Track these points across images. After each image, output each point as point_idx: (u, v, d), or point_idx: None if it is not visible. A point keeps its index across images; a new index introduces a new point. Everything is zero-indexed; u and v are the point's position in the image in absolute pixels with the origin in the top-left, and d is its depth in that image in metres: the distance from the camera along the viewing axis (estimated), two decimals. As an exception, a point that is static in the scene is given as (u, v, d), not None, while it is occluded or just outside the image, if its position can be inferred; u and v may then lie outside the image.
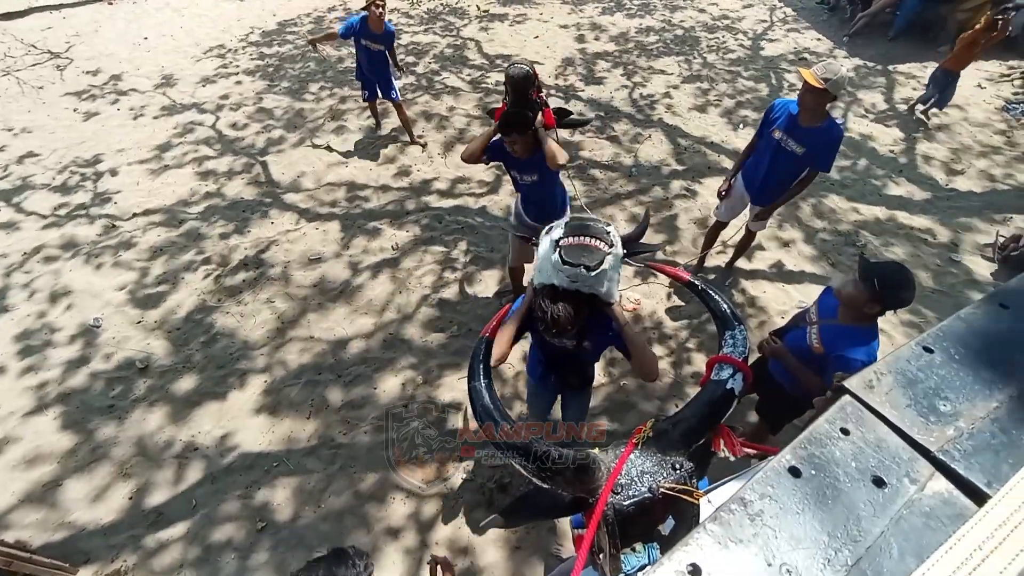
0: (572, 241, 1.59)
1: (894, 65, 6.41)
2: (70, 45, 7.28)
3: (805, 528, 0.47)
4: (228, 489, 2.71)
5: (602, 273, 1.59)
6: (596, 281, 1.60)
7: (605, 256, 1.57)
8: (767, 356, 2.21)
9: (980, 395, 0.56)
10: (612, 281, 1.66)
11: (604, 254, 1.57)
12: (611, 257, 1.58)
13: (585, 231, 1.59)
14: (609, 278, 1.64)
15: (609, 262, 1.58)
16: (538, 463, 1.05)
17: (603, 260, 1.56)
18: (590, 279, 1.58)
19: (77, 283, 3.85)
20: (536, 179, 2.72)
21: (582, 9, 7.94)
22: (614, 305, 1.72)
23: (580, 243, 1.58)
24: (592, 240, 1.58)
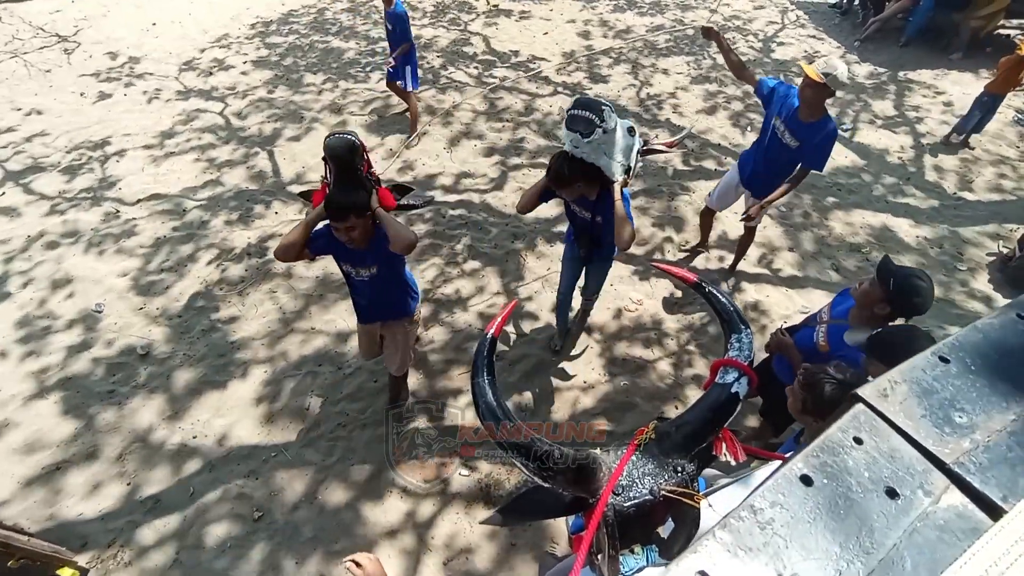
0: (575, 112, 2.06)
1: (905, 72, 6.36)
2: (78, 29, 7.26)
3: (816, 538, 0.46)
4: (226, 478, 2.72)
5: (593, 143, 2.05)
6: (591, 149, 2.06)
7: (596, 128, 2.01)
8: (773, 349, 2.25)
9: (997, 407, 0.55)
10: (610, 157, 2.13)
11: (596, 126, 2.01)
12: (600, 131, 2.02)
13: (586, 107, 2.04)
14: (605, 152, 2.11)
15: (598, 135, 2.03)
16: (539, 462, 1.04)
17: (594, 131, 2.01)
18: (585, 146, 2.05)
19: (80, 269, 3.85)
20: (376, 271, 2.28)
21: (594, 6, 7.89)
22: (615, 184, 2.19)
23: (581, 115, 2.03)
24: (591, 114, 2.02)
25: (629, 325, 3.44)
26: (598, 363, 3.22)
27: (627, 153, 2.23)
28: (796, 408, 1.69)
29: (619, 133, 2.15)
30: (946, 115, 5.50)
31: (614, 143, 2.13)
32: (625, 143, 2.21)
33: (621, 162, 2.20)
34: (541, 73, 6.11)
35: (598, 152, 2.11)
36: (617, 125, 2.12)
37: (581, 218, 2.55)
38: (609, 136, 2.08)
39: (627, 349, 3.30)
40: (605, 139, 2.07)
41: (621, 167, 2.21)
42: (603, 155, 2.13)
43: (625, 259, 3.88)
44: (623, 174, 2.22)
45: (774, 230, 4.15)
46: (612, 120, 2.06)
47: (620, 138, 2.16)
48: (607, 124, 2.03)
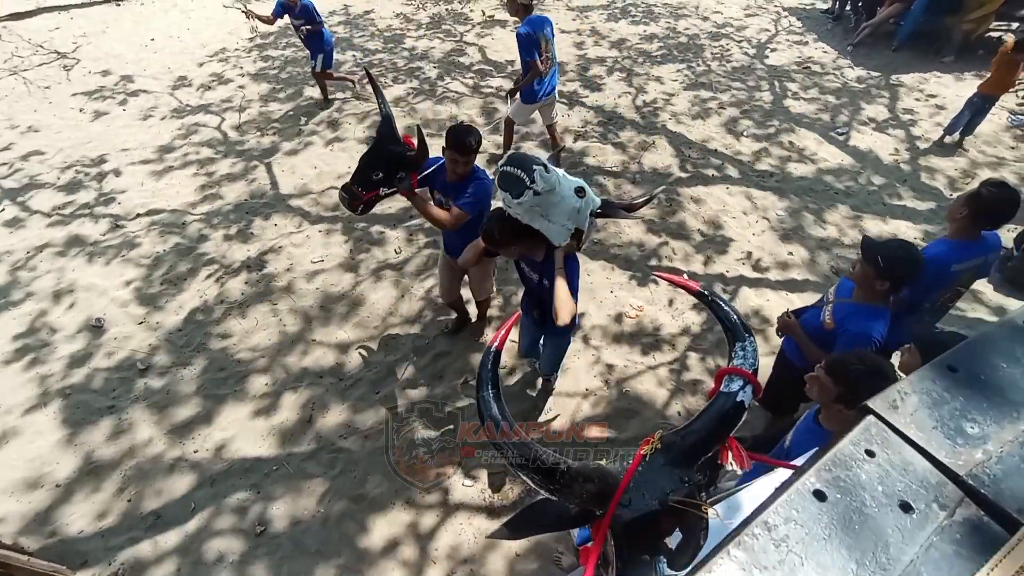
0: (505, 169, 1.88)
1: (897, 75, 6.41)
2: (77, 45, 7.31)
3: (832, 555, 0.45)
4: (227, 492, 2.69)
5: (525, 205, 1.86)
6: (523, 211, 1.88)
7: (526, 190, 1.81)
8: (781, 330, 2.33)
9: (1008, 417, 0.55)
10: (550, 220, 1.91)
11: (526, 188, 1.81)
12: (530, 193, 1.82)
13: (518, 164, 1.84)
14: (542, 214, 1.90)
15: (529, 197, 1.83)
16: (546, 476, 1.04)
17: (523, 193, 1.82)
18: (516, 206, 1.86)
19: (81, 281, 3.85)
20: None
21: (587, 16, 7.97)
22: (557, 249, 2.00)
23: (510, 173, 1.84)
24: (521, 174, 1.81)
25: (630, 331, 3.43)
26: (599, 370, 3.21)
27: (573, 215, 1.97)
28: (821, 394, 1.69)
29: (562, 194, 1.91)
30: (938, 117, 5.54)
31: (553, 205, 1.89)
32: (571, 205, 1.95)
33: (564, 225, 1.94)
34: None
35: (532, 214, 1.89)
36: (558, 186, 1.89)
37: (528, 279, 2.34)
38: (544, 198, 1.85)
39: (628, 356, 3.29)
40: (539, 201, 1.85)
41: (564, 231, 1.95)
42: (539, 217, 1.90)
43: (625, 265, 3.89)
44: (567, 238, 1.97)
45: (771, 234, 4.16)
46: (547, 181, 1.83)
47: (563, 199, 1.92)
48: (538, 186, 1.81)
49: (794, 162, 4.97)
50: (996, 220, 2.21)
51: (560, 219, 1.93)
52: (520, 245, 2.06)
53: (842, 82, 6.28)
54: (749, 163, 4.94)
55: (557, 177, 1.90)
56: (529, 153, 1.95)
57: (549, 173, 1.85)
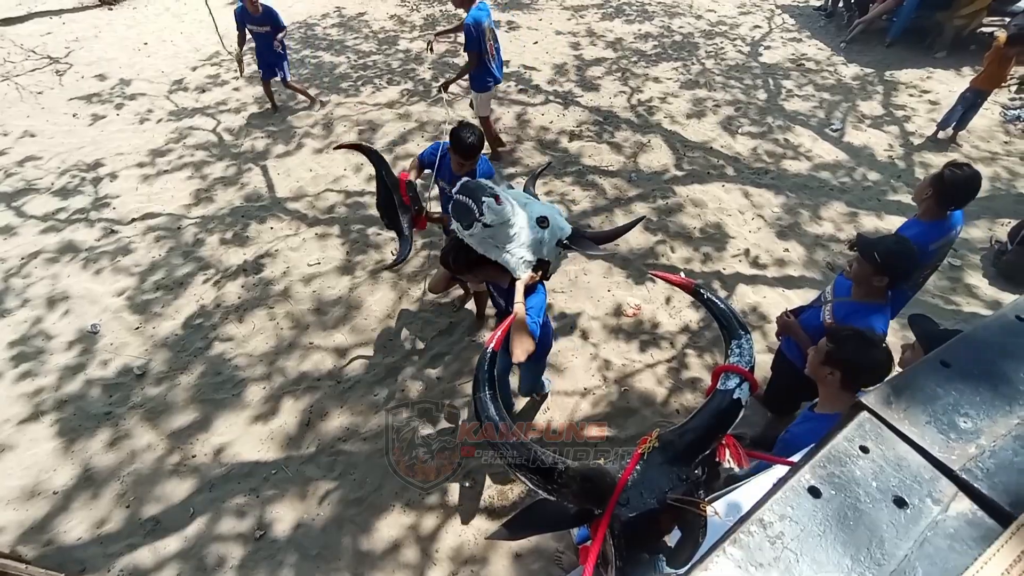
0: (456, 197, 1.81)
1: (891, 72, 6.44)
2: (69, 51, 7.28)
3: (827, 551, 0.45)
4: (226, 497, 2.69)
5: (476, 237, 1.78)
6: (476, 242, 1.81)
7: (475, 222, 1.74)
8: (781, 330, 2.34)
9: (1000, 411, 0.55)
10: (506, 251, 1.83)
11: (475, 219, 1.73)
12: (479, 225, 1.75)
13: (469, 194, 1.77)
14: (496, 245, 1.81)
15: (478, 229, 1.76)
16: (544, 476, 1.04)
17: (472, 224, 1.75)
18: (467, 237, 1.80)
19: (75, 288, 3.83)
20: None
21: (582, 15, 7.97)
22: (517, 281, 1.87)
23: (460, 202, 1.78)
24: (471, 204, 1.74)
25: (627, 330, 3.44)
26: (597, 368, 3.21)
27: (535, 247, 1.88)
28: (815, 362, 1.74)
29: (518, 225, 1.82)
30: (932, 113, 5.56)
31: (509, 237, 1.81)
32: (531, 236, 1.86)
33: (523, 257, 1.84)
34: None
35: (485, 245, 1.81)
36: (512, 217, 1.79)
37: (496, 303, 2.29)
38: (497, 230, 1.77)
39: (626, 354, 3.30)
40: (491, 233, 1.77)
41: (523, 263, 1.85)
42: (494, 248, 1.81)
43: (622, 264, 3.89)
44: (527, 270, 1.86)
45: (768, 232, 4.17)
46: (497, 214, 1.74)
47: (520, 230, 1.82)
48: (487, 219, 1.72)
49: (789, 159, 4.98)
50: (960, 199, 2.30)
51: (519, 251, 1.83)
52: (480, 272, 1.97)
53: (836, 79, 6.30)
54: (745, 161, 4.96)
55: (511, 209, 1.80)
56: (485, 181, 1.84)
57: (501, 205, 1.75)
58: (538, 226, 1.88)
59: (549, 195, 4.53)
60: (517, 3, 8.38)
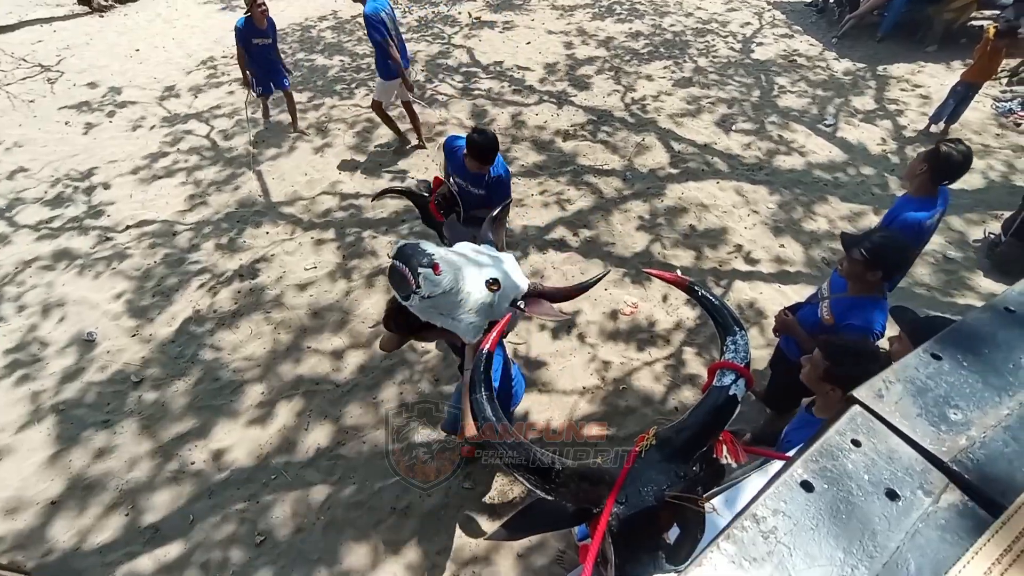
0: (393, 263, 1.62)
1: (883, 66, 6.47)
2: (61, 58, 7.25)
3: (820, 545, 0.46)
4: (226, 503, 2.68)
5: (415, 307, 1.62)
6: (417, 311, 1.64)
7: (411, 294, 1.57)
8: (779, 328, 2.33)
9: (990, 402, 0.55)
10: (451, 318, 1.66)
11: (411, 292, 1.56)
12: (416, 298, 1.57)
13: (406, 260, 1.57)
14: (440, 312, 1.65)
15: (415, 302, 1.59)
16: (542, 476, 1.04)
17: (409, 297, 1.58)
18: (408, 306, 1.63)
19: (71, 295, 3.82)
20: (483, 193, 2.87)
21: (572, 15, 7.98)
22: (467, 346, 1.72)
23: (397, 269, 1.59)
24: (407, 273, 1.56)
25: (625, 329, 3.45)
26: (595, 368, 3.21)
27: (484, 310, 1.70)
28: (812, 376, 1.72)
29: (464, 290, 1.64)
30: (924, 107, 5.59)
31: (454, 305, 1.64)
32: (479, 301, 1.68)
33: (472, 322, 1.68)
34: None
35: (428, 314, 1.65)
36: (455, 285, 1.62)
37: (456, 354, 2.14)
38: (438, 300, 1.60)
39: (624, 353, 3.30)
40: (432, 303, 1.60)
41: (473, 328, 1.69)
42: (437, 316, 1.66)
43: (617, 262, 3.90)
44: (477, 334, 1.70)
45: (763, 228, 4.19)
46: (436, 285, 1.57)
47: (467, 296, 1.65)
48: (424, 291, 1.55)
49: (783, 155, 5.00)
50: (954, 173, 2.36)
51: (466, 316, 1.67)
52: (429, 334, 1.81)
53: (828, 74, 6.32)
54: (739, 158, 4.97)
55: (452, 277, 1.62)
56: (424, 243, 1.64)
57: (440, 275, 1.57)
58: (487, 289, 1.70)
59: (544, 195, 4.53)
60: (509, 3, 8.39)
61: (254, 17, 4.72)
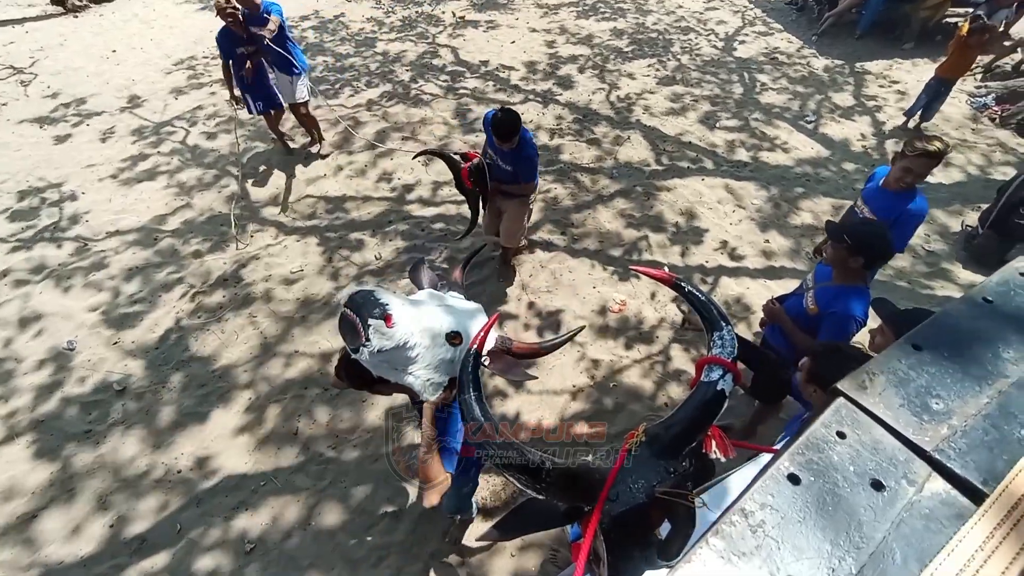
0: (343, 312, 1.45)
1: (862, 63, 6.58)
2: (34, 60, 7.07)
3: (807, 537, 0.46)
4: (214, 511, 2.64)
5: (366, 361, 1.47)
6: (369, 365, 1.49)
7: (361, 348, 1.41)
8: (767, 317, 2.36)
9: (970, 391, 0.56)
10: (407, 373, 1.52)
11: (360, 345, 1.41)
12: (365, 352, 1.41)
13: (357, 310, 1.42)
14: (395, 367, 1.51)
15: (364, 356, 1.43)
16: (531, 475, 1.04)
17: (359, 350, 1.43)
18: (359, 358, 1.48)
19: (48, 306, 3.72)
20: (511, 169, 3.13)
21: (556, 13, 7.99)
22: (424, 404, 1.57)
23: (347, 319, 1.43)
24: (358, 324, 1.40)
25: (614, 326, 3.46)
26: (585, 366, 3.22)
27: (444, 366, 1.56)
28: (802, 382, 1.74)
29: (420, 345, 1.50)
30: (902, 103, 5.71)
31: (408, 360, 1.50)
32: (438, 356, 1.54)
33: (430, 379, 1.54)
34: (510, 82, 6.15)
35: (380, 368, 1.51)
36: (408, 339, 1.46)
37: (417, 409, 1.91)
38: (391, 355, 1.46)
39: (613, 350, 3.32)
40: (385, 357, 1.46)
41: (431, 385, 1.55)
42: (392, 371, 1.52)
43: (605, 261, 3.91)
44: (436, 392, 1.56)
45: (748, 223, 4.23)
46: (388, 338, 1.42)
47: (422, 351, 1.50)
48: (374, 345, 1.40)
49: (766, 151, 5.06)
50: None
51: (422, 372, 1.52)
52: (384, 388, 1.66)
53: (808, 71, 6.42)
54: (723, 154, 5.02)
55: (406, 330, 1.46)
56: (379, 291, 1.47)
57: (392, 327, 1.43)
58: (448, 343, 1.56)
59: (532, 194, 4.53)
60: (494, 3, 8.37)
61: (230, 26, 4.17)
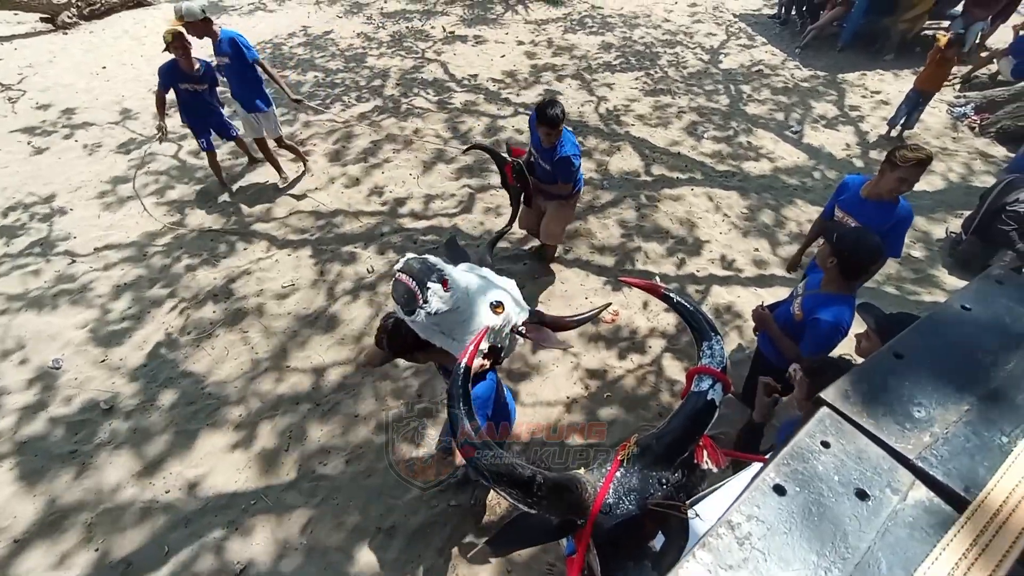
0: (398, 275, 1.57)
1: (844, 74, 6.73)
2: (23, 76, 7.04)
3: (794, 548, 0.46)
4: (203, 531, 2.58)
5: (418, 324, 1.58)
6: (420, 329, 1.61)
7: (417, 309, 1.53)
8: (756, 322, 2.41)
9: (951, 399, 0.57)
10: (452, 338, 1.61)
11: (416, 306, 1.52)
12: (423, 314, 1.53)
13: (413, 274, 1.54)
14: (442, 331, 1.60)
15: (421, 317, 1.54)
16: (522, 489, 1.03)
17: (414, 312, 1.54)
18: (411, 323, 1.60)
19: (33, 324, 3.66)
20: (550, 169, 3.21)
21: (544, 28, 8.11)
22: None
23: (402, 283, 1.55)
24: (415, 286, 1.52)
25: (606, 336, 3.47)
26: (578, 377, 3.22)
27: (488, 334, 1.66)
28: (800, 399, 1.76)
29: (470, 312, 1.62)
30: (884, 112, 5.83)
31: (458, 324, 1.60)
32: (481, 323, 1.65)
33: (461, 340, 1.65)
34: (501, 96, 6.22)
35: (429, 332, 1.61)
36: (463, 304, 1.59)
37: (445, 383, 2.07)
38: (444, 318, 1.56)
39: (606, 360, 3.32)
40: (438, 320, 1.56)
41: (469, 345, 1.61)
42: (439, 335, 1.61)
43: (597, 271, 3.93)
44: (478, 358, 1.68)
45: (737, 232, 4.28)
46: (443, 301, 1.54)
47: (471, 317, 1.62)
48: (432, 307, 1.51)
49: (753, 161, 5.14)
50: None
51: (468, 338, 1.60)
52: (423, 355, 1.78)
53: (792, 83, 6.55)
54: (711, 165, 5.09)
55: (460, 295, 1.59)
56: (433, 258, 1.60)
57: (448, 291, 1.55)
58: (492, 312, 1.67)
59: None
60: (483, 18, 8.49)
61: (179, 61, 4.02)
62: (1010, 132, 5.35)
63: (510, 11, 8.73)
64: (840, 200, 2.67)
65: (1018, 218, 3.75)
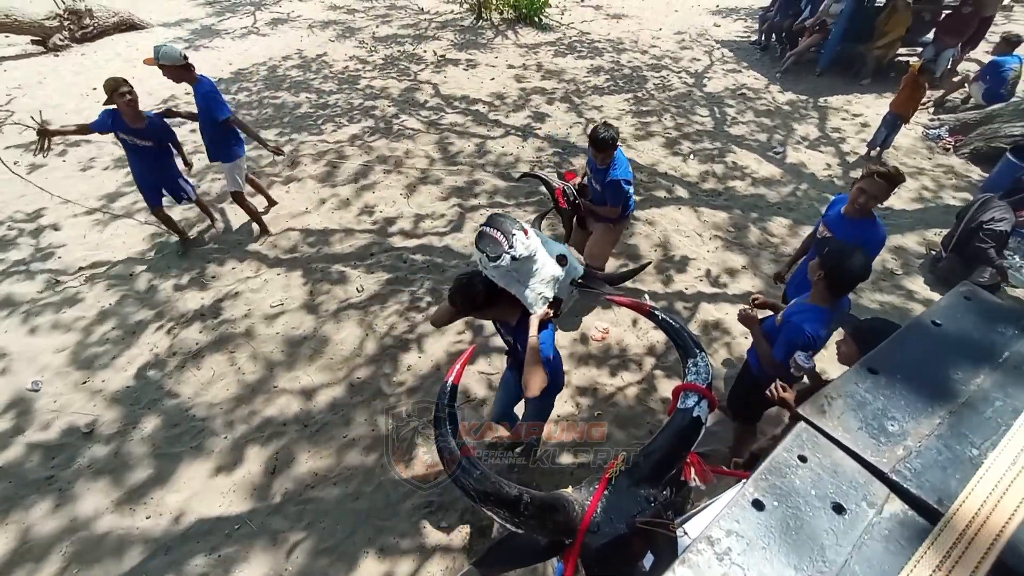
0: (484, 229, 1.84)
1: (824, 98, 6.96)
2: (12, 97, 7.03)
3: (772, 563, 0.46)
4: (184, 559, 2.51)
5: (501, 269, 1.81)
6: (499, 275, 1.84)
7: (503, 254, 1.77)
8: (740, 322, 2.44)
9: (923, 412, 0.59)
10: (525, 286, 1.87)
11: (503, 252, 1.77)
12: (508, 258, 1.77)
13: (498, 227, 1.81)
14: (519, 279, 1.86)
15: (506, 261, 1.78)
16: (509, 509, 1.02)
17: (500, 256, 1.77)
18: (491, 269, 1.81)
19: (12, 345, 3.59)
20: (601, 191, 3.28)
21: (536, 52, 8.31)
22: (532, 316, 1.91)
23: (489, 234, 1.81)
24: (500, 236, 1.79)
25: (597, 354, 3.47)
26: (568, 394, 3.21)
27: (551, 284, 1.95)
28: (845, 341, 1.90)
29: (542, 260, 1.90)
30: (862, 134, 6.02)
31: (531, 272, 1.87)
32: (550, 273, 1.94)
33: (541, 293, 1.92)
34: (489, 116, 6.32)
35: (508, 278, 1.85)
36: (538, 252, 1.87)
37: (504, 339, 2.29)
38: (522, 264, 1.82)
39: (596, 378, 3.32)
40: (517, 266, 1.82)
41: (541, 299, 1.92)
42: (515, 283, 1.86)
43: (587, 289, 3.95)
44: (543, 306, 1.93)
45: (724, 250, 4.34)
46: (526, 247, 1.80)
47: (542, 266, 1.91)
48: (517, 251, 1.78)
49: (737, 180, 5.25)
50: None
51: (538, 286, 1.89)
52: (493, 310, 1.99)
53: (774, 106, 6.74)
54: (697, 184, 5.19)
55: (538, 243, 1.88)
56: (510, 216, 1.87)
57: (529, 238, 1.82)
58: (557, 263, 1.97)
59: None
60: (474, 43, 8.68)
61: (120, 111, 3.59)
62: (983, 153, 5.54)
63: (500, 36, 8.94)
64: (826, 216, 2.75)
65: (995, 236, 3.86)
